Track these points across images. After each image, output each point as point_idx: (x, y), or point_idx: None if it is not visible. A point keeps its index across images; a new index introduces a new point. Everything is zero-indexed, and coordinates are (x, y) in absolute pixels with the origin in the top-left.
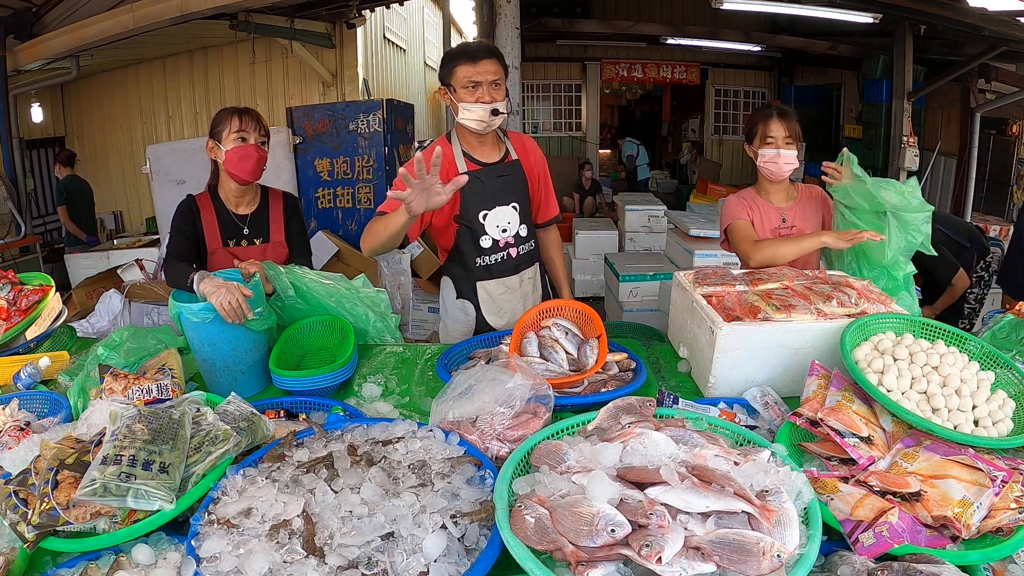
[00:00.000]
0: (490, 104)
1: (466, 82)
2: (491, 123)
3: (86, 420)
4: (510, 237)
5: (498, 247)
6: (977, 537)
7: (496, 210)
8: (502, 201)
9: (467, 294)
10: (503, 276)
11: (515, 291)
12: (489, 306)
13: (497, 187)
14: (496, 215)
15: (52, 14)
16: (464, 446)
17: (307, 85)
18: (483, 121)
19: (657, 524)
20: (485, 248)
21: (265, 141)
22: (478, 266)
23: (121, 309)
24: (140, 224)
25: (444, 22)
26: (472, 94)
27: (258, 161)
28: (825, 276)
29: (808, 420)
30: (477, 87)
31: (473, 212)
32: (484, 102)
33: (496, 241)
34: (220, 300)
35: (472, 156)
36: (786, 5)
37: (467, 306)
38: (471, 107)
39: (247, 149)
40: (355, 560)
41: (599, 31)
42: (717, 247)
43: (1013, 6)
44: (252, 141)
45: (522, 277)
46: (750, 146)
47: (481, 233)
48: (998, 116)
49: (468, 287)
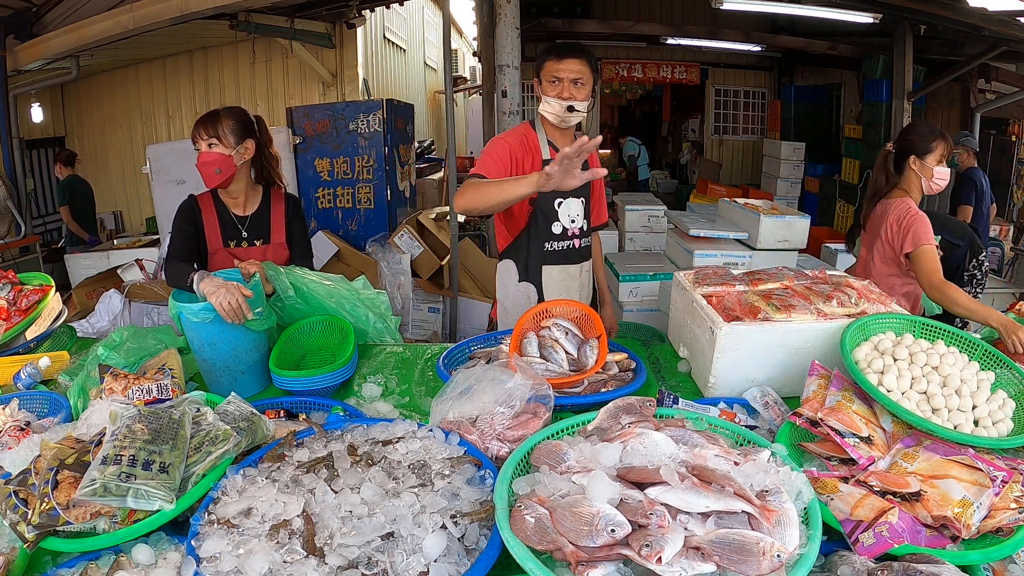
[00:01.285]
0: (567, 101)
1: (550, 76)
2: (566, 119)
3: (86, 420)
4: (576, 228)
5: (567, 235)
6: (977, 537)
7: (569, 200)
8: (575, 193)
9: (532, 277)
10: (567, 263)
11: (575, 280)
12: (551, 290)
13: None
14: (568, 205)
15: (52, 14)
16: (464, 446)
17: (307, 85)
18: (558, 115)
19: (657, 524)
20: (556, 234)
21: (215, 142)
22: (547, 250)
23: (121, 309)
24: (140, 224)
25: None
26: (553, 88)
27: (203, 166)
28: (825, 276)
29: (808, 420)
30: (558, 83)
31: (551, 198)
32: (562, 98)
33: (566, 229)
34: (220, 300)
35: (555, 145)
36: (786, 5)
37: (530, 289)
38: (550, 100)
39: (199, 159)
40: (355, 560)
41: (599, 31)
42: (717, 247)
43: (1013, 6)
44: (203, 148)
45: (581, 268)
46: (921, 161)
47: (554, 219)
48: (998, 116)
49: (535, 270)
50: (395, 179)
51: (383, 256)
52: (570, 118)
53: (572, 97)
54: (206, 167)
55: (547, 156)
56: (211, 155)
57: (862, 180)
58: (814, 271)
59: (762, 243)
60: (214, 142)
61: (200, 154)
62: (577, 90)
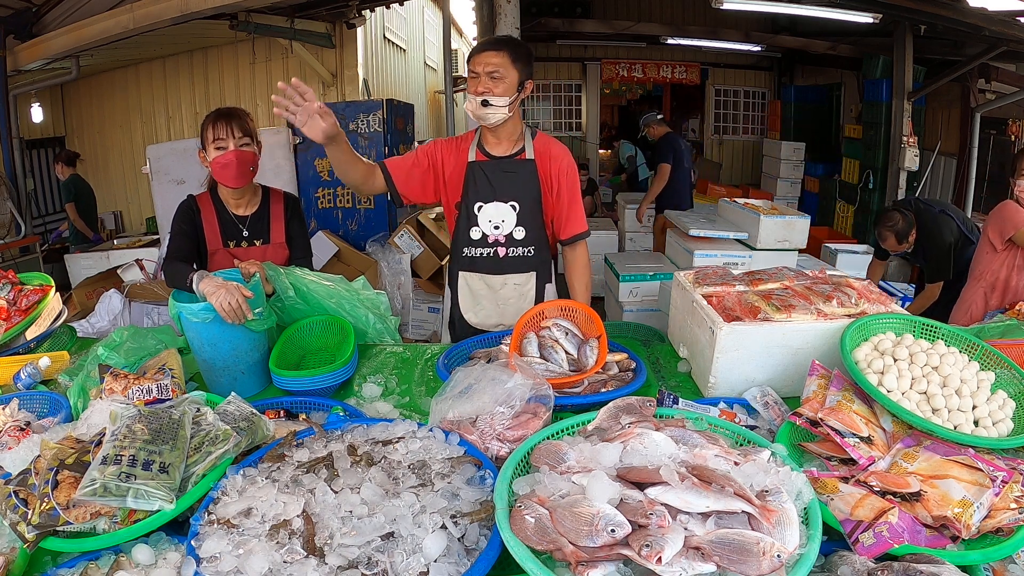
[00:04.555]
0: (481, 95)
1: (469, 72)
2: (483, 115)
3: (86, 420)
4: (501, 236)
5: (486, 242)
6: (977, 537)
7: (493, 204)
8: (501, 197)
9: (451, 281)
10: (485, 272)
11: (496, 291)
12: (466, 299)
13: (499, 182)
14: (491, 209)
15: (52, 14)
16: (464, 446)
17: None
18: (474, 112)
19: (657, 524)
20: (474, 239)
21: (248, 142)
22: (463, 255)
23: (121, 309)
24: (140, 224)
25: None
26: (472, 84)
27: (239, 166)
28: (825, 276)
29: (808, 420)
30: (475, 78)
31: (470, 201)
32: (476, 92)
33: (485, 235)
34: (220, 300)
35: (484, 147)
36: (786, 5)
37: (447, 294)
38: (469, 97)
39: (226, 157)
40: (355, 560)
41: (599, 31)
42: (717, 247)
43: (1013, 6)
44: (231, 147)
45: (506, 280)
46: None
47: (472, 224)
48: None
49: (453, 274)
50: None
51: (383, 256)
52: (486, 114)
53: (488, 91)
54: (243, 165)
55: (472, 158)
56: (246, 154)
57: (862, 180)
58: (814, 271)
59: (762, 243)
60: (247, 141)
61: (232, 152)
62: (494, 84)
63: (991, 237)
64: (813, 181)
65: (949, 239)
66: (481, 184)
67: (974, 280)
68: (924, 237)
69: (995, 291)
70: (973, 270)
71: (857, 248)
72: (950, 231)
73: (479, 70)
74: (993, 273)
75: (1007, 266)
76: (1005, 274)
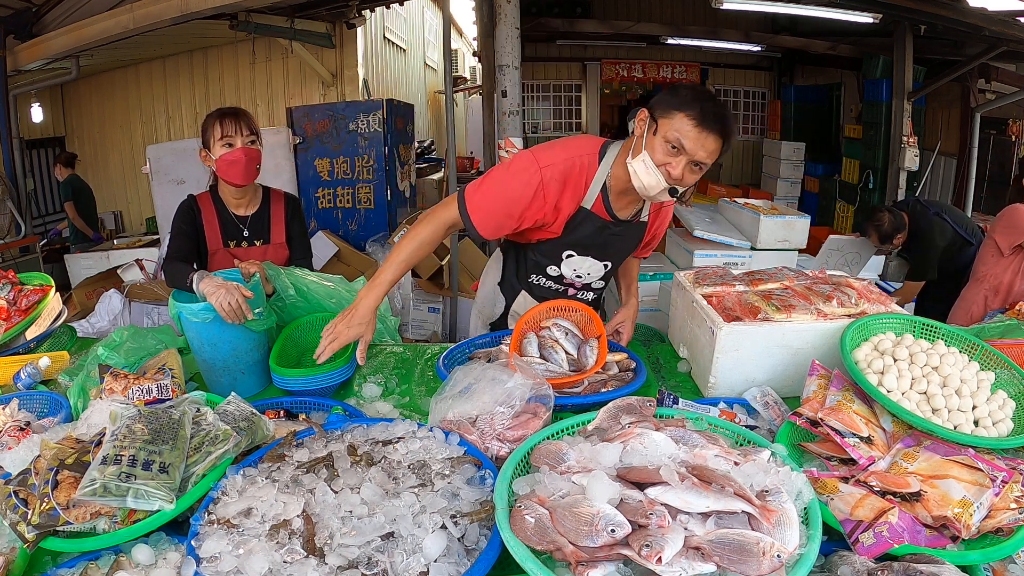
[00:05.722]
0: (674, 182)
1: (675, 137)
2: (654, 197)
3: (86, 420)
4: (579, 282)
5: (562, 281)
6: (977, 537)
7: (587, 259)
8: (598, 255)
9: (507, 290)
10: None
11: None
12: (516, 314)
13: (606, 242)
14: (581, 262)
15: (52, 14)
16: (464, 446)
17: (307, 85)
18: (646, 187)
19: (657, 524)
20: (550, 275)
21: (254, 140)
22: (531, 281)
23: (121, 309)
24: (140, 224)
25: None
26: (667, 153)
27: (247, 164)
28: (825, 276)
29: (808, 420)
30: (678, 152)
31: (562, 246)
32: (671, 174)
33: (563, 276)
34: (220, 300)
35: (608, 200)
36: (786, 5)
37: (499, 300)
38: (650, 166)
39: (234, 154)
40: (355, 560)
41: (599, 31)
42: (717, 247)
43: (1013, 6)
44: (239, 144)
45: None
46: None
47: (553, 263)
48: (998, 116)
49: (513, 286)
50: (395, 179)
51: (383, 256)
52: (659, 197)
53: (682, 180)
54: (251, 163)
55: (590, 206)
56: (253, 152)
57: (862, 180)
58: (814, 271)
59: (762, 243)
60: (254, 139)
61: (240, 150)
62: (693, 173)
63: (998, 241)
64: (813, 181)
65: (939, 243)
66: (586, 239)
67: (976, 282)
68: (914, 237)
69: (997, 295)
70: (975, 271)
71: None
72: (941, 234)
73: (695, 155)
74: (996, 277)
75: (1012, 271)
76: (1009, 278)
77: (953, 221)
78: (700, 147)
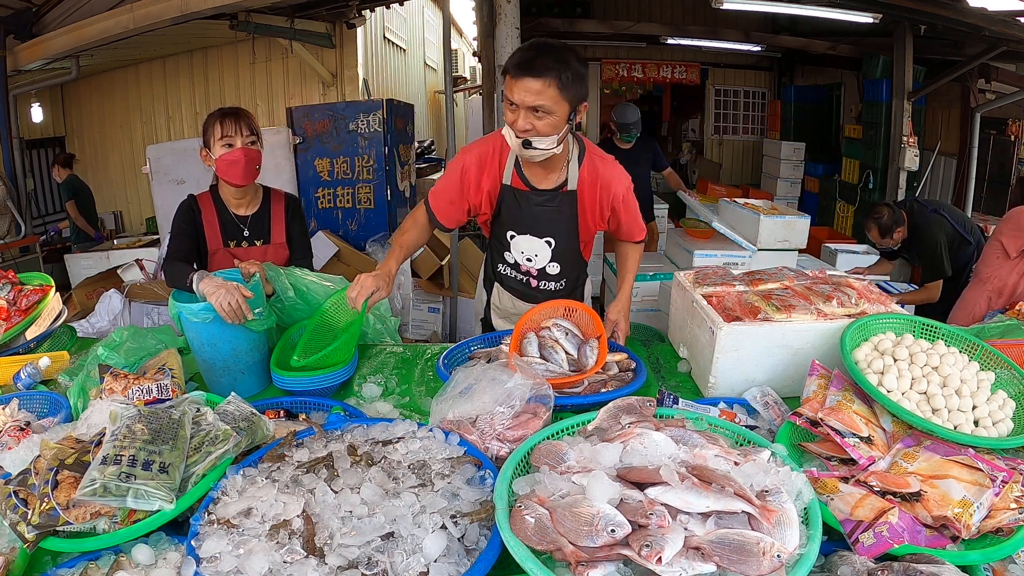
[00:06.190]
0: (523, 135)
1: (506, 97)
2: (526, 156)
3: (86, 420)
4: (533, 269)
5: (519, 269)
6: (977, 537)
7: (527, 237)
8: (536, 232)
9: (487, 283)
10: (517, 296)
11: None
12: (497, 308)
13: (535, 216)
14: (524, 242)
15: (52, 14)
16: (464, 446)
17: (307, 85)
18: (515, 149)
19: (657, 524)
20: (508, 262)
21: (255, 140)
22: (499, 270)
23: (121, 309)
24: (140, 224)
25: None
26: (509, 114)
27: (247, 164)
28: (825, 276)
29: (808, 420)
30: (514, 108)
31: (503, 227)
32: (516, 129)
33: (518, 263)
34: (220, 300)
35: (523, 173)
36: (786, 5)
37: (483, 295)
38: (508, 131)
39: (234, 155)
40: (355, 560)
41: (599, 31)
42: (717, 247)
43: (1013, 6)
44: (239, 144)
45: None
46: None
47: (505, 248)
48: (998, 116)
49: (488, 276)
50: (395, 179)
51: (383, 256)
52: (530, 156)
53: (531, 129)
54: (250, 164)
55: (508, 181)
56: (253, 152)
57: (862, 180)
58: (814, 271)
59: (762, 243)
60: (254, 139)
61: (239, 150)
62: (538, 120)
63: (1005, 243)
64: (813, 181)
65: (939, 237)
66: (515, 214)
67: (979, 282)
68: (914, 235)
69: (1001, 296)
70: (978, 272)
71: (857, 248)
72: (941, 229)
73: (518, 100)
74: (1001, 279)
75: (1017, 273)
76: (1014, 280)
77: (952, 219)
78: (523, 93)
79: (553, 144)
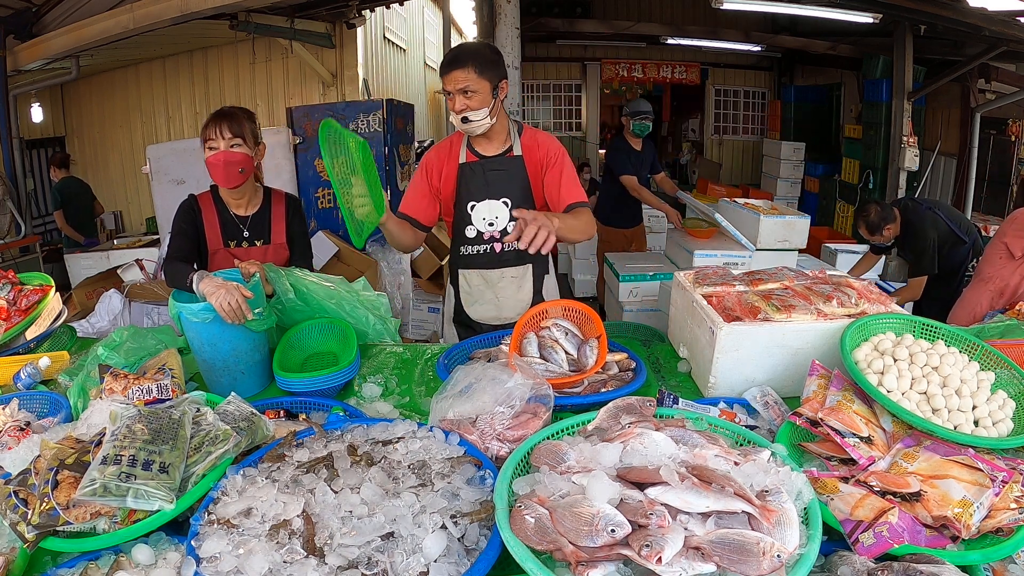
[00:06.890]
0: (460, 113)
1: (444, 91)
2: (467, 130)
3: (86, 420)
4: (496, 231)
5: (482, 239)
6: (977, 537)
7: (485, 203)
8: (493, 195)
9: (453, 279)
10: (484, 268)
11: (493, 285)
12: (466, 294)
13: (490, 180)
14: (484, 207)
15: (52, 14)
16: (464, 446)
17: (307, 85)
18: (459, 128)
19: (657, 524)
20: (469, 238)
21: (239, 143)
22: (462, 254)
23: (121, 309)
24: (140, 224)
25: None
26: (449, 102)
27: (226, 167)
28: (825, 276)
29: (808, 420)
30: (450, 96)
31: (464, 201)
32: (455, 111)
33: (481, 233)
34: (220, 300)
35: (473, 148)
36: (786, 5)
37: (451, 290)
38: (453, 116)
39: (215, 157)
40: (355, 560)
41: (599, 31)
42: (717, 247)
43: (1013, 6)
44: (221, 147)
45: (503, 274)
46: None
47: (467, 223)
48: (998, 116)
49: (454, 273)
50: (395, 179)
51: (383, 256)
52: (470, 128)
53: (465, 108)
54: (231, 167)
55: (463, 159)
56: (235, 155)
57: (862, 180)
58: (814, 271)
59: (762, 243)
60: (238, 142)
61: (220, 153)
62: (468, 99)
63: (1009, 244)
64: (813, 181)
65: (931, 234)
66: (473, 184)
67: (981, 282)
68: (907, 232)
69: (1003, 296)
70: (980, 272)
71: (857, 248)
72: (934, 227)
73: (451, 88)
74: (1004, 280)
75: (1020, 274)
76: (1017, 281)
77: (947, 217)
78: (452, 82)
79: (485, 116)
